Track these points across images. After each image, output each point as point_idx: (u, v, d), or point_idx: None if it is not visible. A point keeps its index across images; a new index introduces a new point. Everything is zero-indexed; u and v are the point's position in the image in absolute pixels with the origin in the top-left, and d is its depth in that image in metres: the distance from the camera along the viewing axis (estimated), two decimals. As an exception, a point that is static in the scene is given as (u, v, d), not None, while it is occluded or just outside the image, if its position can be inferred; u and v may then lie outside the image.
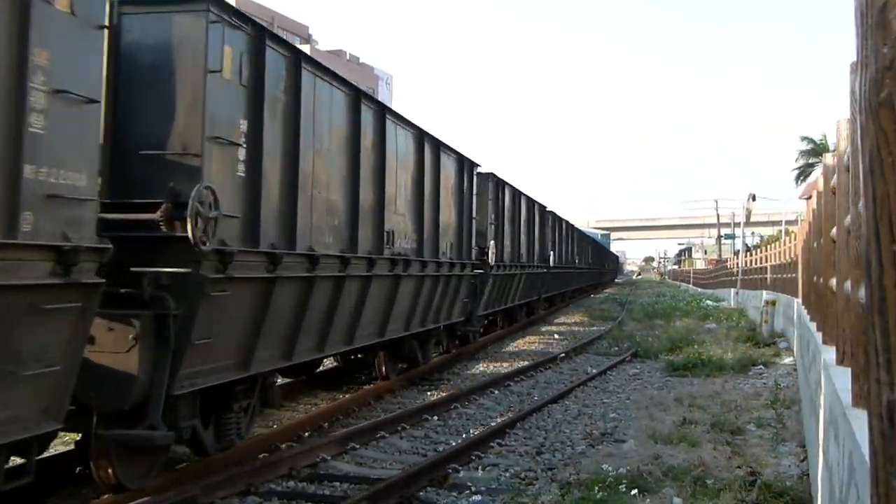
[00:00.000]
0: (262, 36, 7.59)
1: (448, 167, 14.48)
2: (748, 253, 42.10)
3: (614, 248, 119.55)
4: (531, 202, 24.35)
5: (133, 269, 6.28)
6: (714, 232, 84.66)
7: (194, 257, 6.47)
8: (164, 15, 6.85)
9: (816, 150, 55.73)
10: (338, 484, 7.49)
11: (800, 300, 13.24)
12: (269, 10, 63.78)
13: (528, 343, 20.88)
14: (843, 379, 4.34)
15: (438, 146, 13.81)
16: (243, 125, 7.31)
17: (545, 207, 27.45)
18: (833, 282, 5.96)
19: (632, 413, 10.84)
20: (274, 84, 7.85)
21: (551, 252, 28.62)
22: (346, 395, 11.69)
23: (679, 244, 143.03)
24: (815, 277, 9.09)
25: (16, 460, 5.51)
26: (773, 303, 19.86)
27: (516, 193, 21.87)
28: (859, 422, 3.00)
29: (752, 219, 66.09)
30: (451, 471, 7.78)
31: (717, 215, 77.85)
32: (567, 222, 35.95)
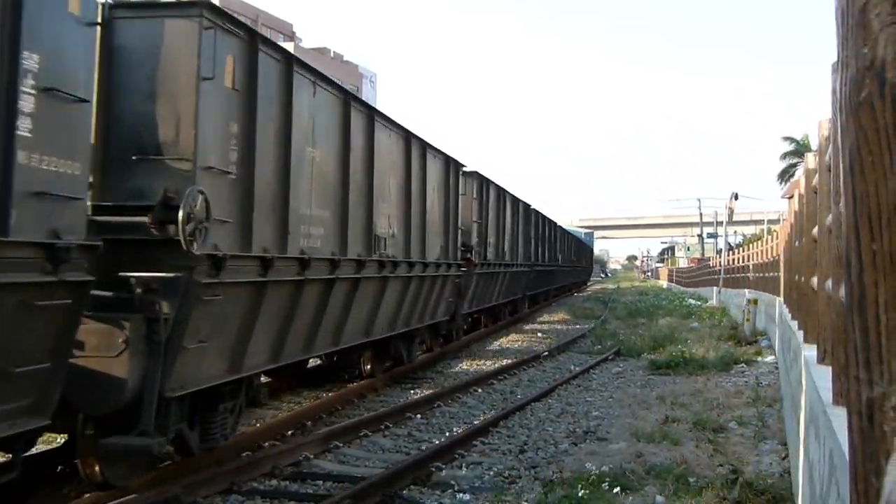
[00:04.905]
0: (254, 41, 7.56)
1: (434, 168, 14.50)
2: (731, 252, 42.31)
3: (598, 246, 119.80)
4: (515, 200, 24.38)
5: (124, 273, 6.22)
6: (697, 230, 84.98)
7: (186, 262, 6.42)
8: (158, 20, 6.79)
9: (798, 149, 56.11)
10: (320, 482, 7.48)
11: (781, 299, 13.33)
12: (253, 7, 63.56)
13: (511, 341, 20.91)
14: (823, 377, 4.37)
15: (425, 147, 13.84)
16: (235, 129, 7.28)
17: (529, 206, 27.48)
18: (814, 281, 6.01)
19: (615, 411, 10.88)
20: (266, 88, 7.82)
21: (535, 250, 28.66)
22: (330, 394, 11.67)
23: (662, 243, 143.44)
24: (796, 276, 9.15)
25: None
26: (755, 301, 19.96)
27: (501, 192, 21.90)
28: (840, 420, 3.02)
29: (735, 218, 66.49)
30: (434, 469, 7.78)
31: (701, 214, 78.13)
32: (551, 220, 35.99)
